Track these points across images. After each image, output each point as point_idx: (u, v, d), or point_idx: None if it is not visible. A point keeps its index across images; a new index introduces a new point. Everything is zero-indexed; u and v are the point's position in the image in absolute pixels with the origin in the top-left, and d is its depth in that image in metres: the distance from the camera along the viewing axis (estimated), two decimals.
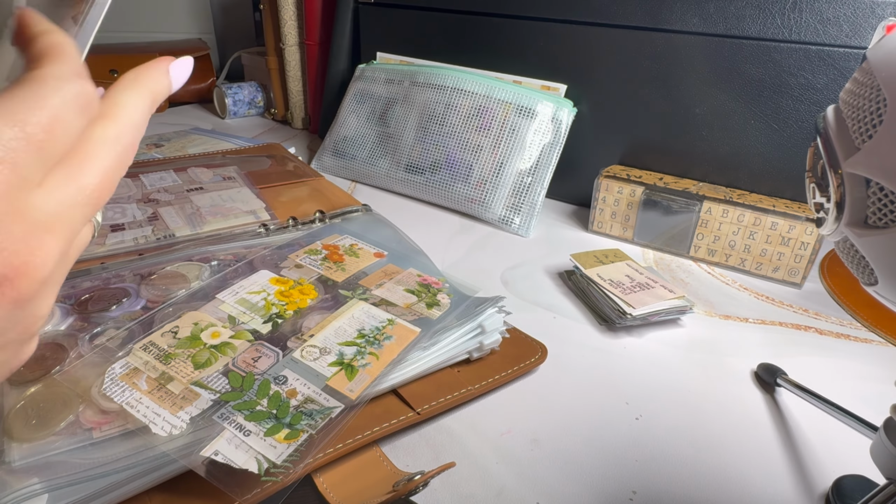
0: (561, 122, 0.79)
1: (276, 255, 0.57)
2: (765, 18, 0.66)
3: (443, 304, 0.50)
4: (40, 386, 0.38)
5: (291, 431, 0.37)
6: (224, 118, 1.26)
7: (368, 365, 0.43)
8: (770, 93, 0.68)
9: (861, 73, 0.26)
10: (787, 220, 0.65)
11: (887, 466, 0.32)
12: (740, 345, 0.56)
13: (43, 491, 0.32)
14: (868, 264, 0.26)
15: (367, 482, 0.38)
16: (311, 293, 0.51)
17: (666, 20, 0.72)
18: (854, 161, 0.24)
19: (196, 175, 0.81)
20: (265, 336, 0.45)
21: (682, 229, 0.72)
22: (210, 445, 0.35)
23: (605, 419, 0.46)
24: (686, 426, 0.46)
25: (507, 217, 0.79)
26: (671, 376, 0.51)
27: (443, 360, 0.47)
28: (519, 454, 0.42)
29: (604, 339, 0.56)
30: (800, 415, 0.48)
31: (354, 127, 0.95)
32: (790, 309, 0.63)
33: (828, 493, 0.40)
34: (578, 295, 0.64)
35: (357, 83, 0.97)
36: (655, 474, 0.41)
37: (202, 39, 1.50)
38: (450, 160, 0.83)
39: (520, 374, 0.49)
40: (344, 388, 0.41)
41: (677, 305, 0.58)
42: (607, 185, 0.76)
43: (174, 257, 0.56)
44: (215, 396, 0.39)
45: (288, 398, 0.39)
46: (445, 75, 0.86)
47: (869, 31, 0.62)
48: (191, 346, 0.43)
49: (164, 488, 0.35)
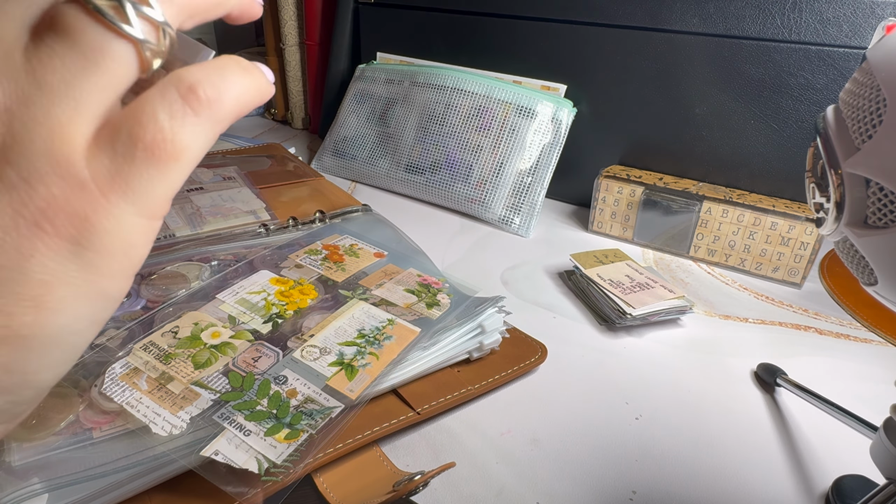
0: (561, 122, 0.79)
1: (276, 255, 0.57)
2: (765, 18, 0.66)
3: (443, 304, 0.50)
4: None
5: (291, 431, 0.37)
6: None
7: (368, 365, 0.43)
8: (770, 93, 0.68)
9: (861, 73, 0.26)
10: (787, 220, 0.65)
11: (887, 466, 0.32)
12: (740, 345, 0.56)
13: (43, 491, 0.32)
14: (868, 264, 0.26)
15: (367, 482, 0.38)
16: (311, 293, 0.51)
17: (666, 20, 0.72)
18: (854, 161, 0.24)
19: (196, 175, 0.81)
20: (265, 336, 0.45)
21: (681, 229, 0.72)
22: (210, 445, 0.35)
23: (605, 419, 0.46)
24: (686, 426, 0.46)
25: (507, 217, 0.79)
26: (671, 376, 0.51)
27: (443, 360, 0.47)
28: (519, 454, 0.42)
29: (604, 339, 0.56)
30: (800, 415, 0.48)
31: (354, 127, 0.95)
32: (790, 309, 0.63)
33: (828, 493, 0.40)
34: (578, 295, 0.64)
35: (357, 83, 0.97)
36: (655, 474, 0.41)
37: (202, 39, 1.50)
38: (450, 160, 0.83)
39: (520, 374, 0.49)
40: (344, 388, 0.41)
41: (677, 305, 0.58)
42: (607, 185, 0.76)
43: (174, 257, 0.56)
44: (215, 396, 0.39)
45: (288, 398, 0.39)
46: (445, 75, 0.86)
47: (869, 31, 0.62)
48: (191, 346, 0.43)
49: (164, 488, 0.35)
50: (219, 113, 0.16)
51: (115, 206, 0.15)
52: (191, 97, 0.16)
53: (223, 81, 0.16)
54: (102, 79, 0.15)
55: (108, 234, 0.15)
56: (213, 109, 0.16)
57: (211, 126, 0.16)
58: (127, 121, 0.15)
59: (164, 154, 0.15)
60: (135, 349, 0.42)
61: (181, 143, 0.15)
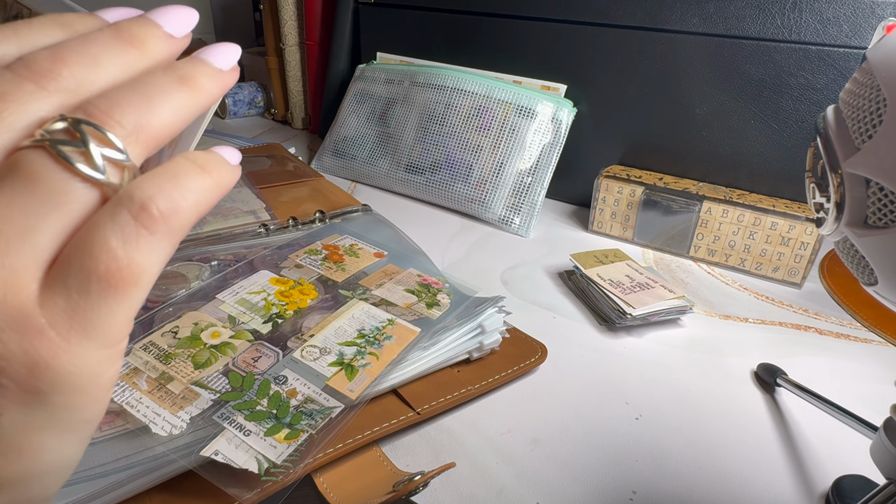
0: (561, 122, 0.79)
1: (276, 255, 0.57)
2: (765, 18, 0.66)
3: (443, 304, 0.50)
4: None
5: (291, 431, 0.37)
6: (224, 118, 1.26)
7: (368, 365, 0.43)
8: (770, 93, 0.68)
9: (861, 73, 0.26)
10: (787, 220, 0.65)
11: (887, 466, 0.32)
12: (740, 345, 0.56)
13: None
14: (868, 264, 0.26)
15: (367, 482, 0.38)
16: (311, 293, 0.51)
17: (666, 20, 0.72)
18: (854, 161, 0.24)
19: None
20: (265, 336, 0.45)
21: (681, 229, 0.72)
22: (210, 445, 0.35)
23: (605, 419, 0.46)
24: (686, 426, 0.46)
25: (507, 217, 0.79)
26: (671, 376, 0.51)
27: (443, 360, 0.47)
28: (519, 454, 0.42)
29: (604, 339, 0.56)
30: (800, 415, 0.48)
31: (354, 127, 0.95)
32: (790, 309, 0.63)
33: (828, 493, 0.40)
34: (578, 295, 0.64)
35: (357, 83, 0.97)
36: (655, 474, 0.41)
37: (202, 39, 1.49)
38: (450, 160, 0.83)
39: (520, 374, 0.49)
40: (344, 388, 0.41)
41: (677, 305, 0.58)
42: (607, 185, 0.76)
43: (174, 257, 0.56)
44: (215, 396, 0.39)
45: (288, 398, 0.39)
46: (445, 75, 0.86)
47: (869, 31, 0.62)
48: (191, 346, 0.43)
49: (164, 488, 0.35)
50: (175, 224, 0.15)
51: (76, 345, 0.14)
52: (144, 216, 0.14)
53: (178, 190, 0.15)
54: (61, 221, 0.14)
55: (73, 375, 0.14)
56: (169, 223, 0.15)
57: (169, 240, 0.15)
58: (78, 253, 0.14)
59: (121, 282, 0.14)
60: (134, 349, 0.42)
61: (138, 266, 0.14)
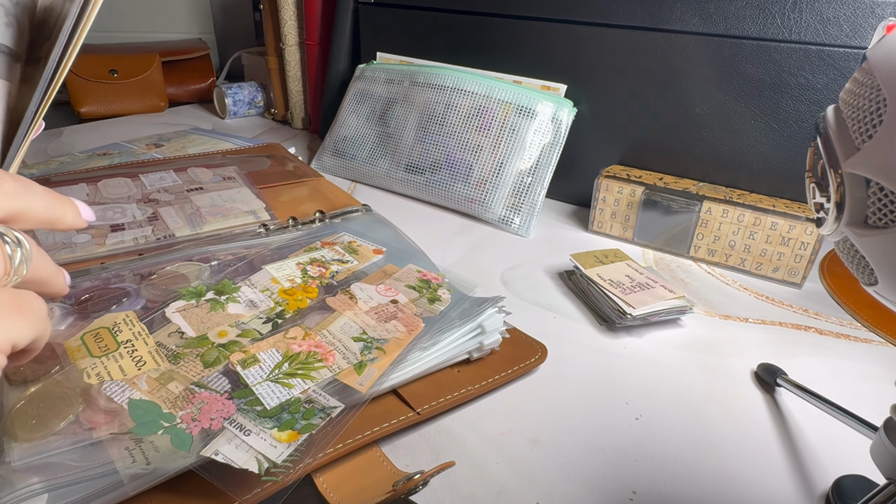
0: (561, 122, 0.79)
1: (275, 255, 0.57)
2: (765, 18, 0.66)
3: (444, 300, 0.51)
4: (40, 386, 0.38)
5: (291, 431, 0.37)
6: (224, 118, 1.26)
7: (376, 359, 0.43)
8: (770, 93, 0.68)
9: (861, 73, 0.26)
10: (787, 220, 0.65)
11: (887, 466, 0.32)
12: (740, 345, 0.56)
13: (43, 491, 0.32)
14: (868, 264, 0.26)
15: (367, 482, 0.38)
16: (312, 292, 0.51)
17: (666, 20, 0.72)
18: (854, 161, 0.24)
19: (196, 175, 0.81)
20: (266, 336, 0.45)
21: (682, 229, 0.72)
22: (210, 445, 0.35)
23: (604, 419, 0.46)
24: (686, 426, 0.46)
25: (507, 217, 0.79)
26: (671, 376, 0.51)
27: (443, 360, 0.47)
28: (519, 454, 0.42)
29: (604, 339, 0.56)
30: (800, 415, 0.48)
31: (354, 127, 0.95)
32: (790, 309, 0.63)
33: (828, 493, 0.40)
34: (578, 295, 0.64)
35: (357, 83, 0.97)
36: (655, 474, 0.41)
37: (202, 39, 1.49)
38: (450, 160, 0.83)
39: (520, 374, 0.49)
40: (354, 383, 0.41)
41: (677, 305, 0.58)
42: (607, 185, 0.76)
43: (174, 257, 0.56)
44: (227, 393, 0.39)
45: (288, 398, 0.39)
46: (445, 75, 0.86)
47: (869, 31, 0.62)
48: (199, 345, 0.43)
49: (164, 488, 0.35)
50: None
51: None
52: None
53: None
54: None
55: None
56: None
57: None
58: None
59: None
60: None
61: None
